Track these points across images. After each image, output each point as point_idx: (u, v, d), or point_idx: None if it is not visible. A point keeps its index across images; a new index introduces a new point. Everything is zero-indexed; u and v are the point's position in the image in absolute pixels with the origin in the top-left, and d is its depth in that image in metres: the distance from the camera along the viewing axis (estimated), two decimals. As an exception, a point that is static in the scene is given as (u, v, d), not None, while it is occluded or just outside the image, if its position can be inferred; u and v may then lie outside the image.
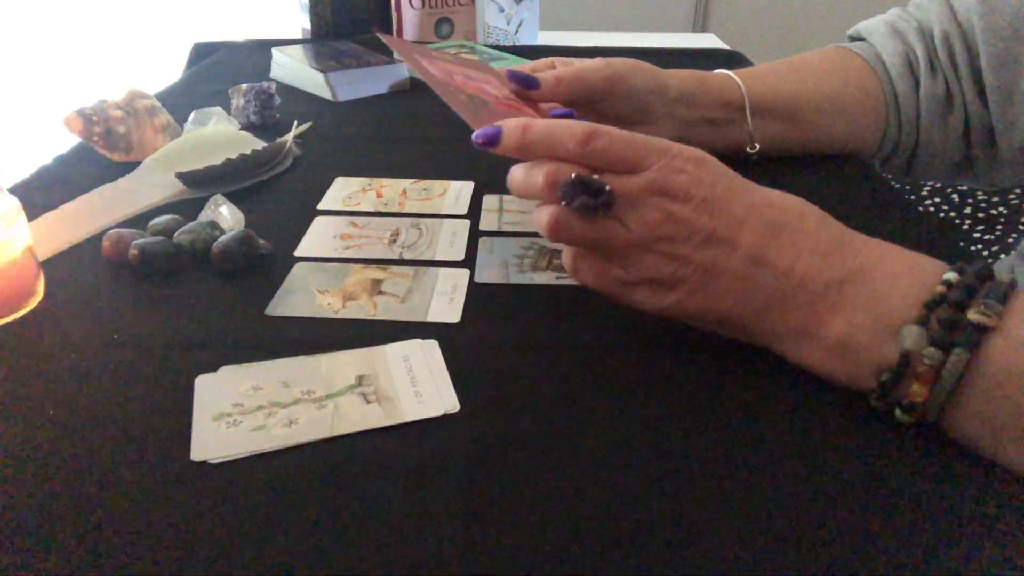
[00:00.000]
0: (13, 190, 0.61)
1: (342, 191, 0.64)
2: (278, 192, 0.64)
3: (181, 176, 0.61)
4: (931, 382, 0.34)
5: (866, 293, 0.37)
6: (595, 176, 0.39)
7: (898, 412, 0.36)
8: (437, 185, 0.65)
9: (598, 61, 0.60)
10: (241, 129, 0.74)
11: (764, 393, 0.39)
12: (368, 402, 0.38)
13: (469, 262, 0.52)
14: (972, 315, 0.33)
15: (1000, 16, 0.62)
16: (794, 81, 0.68)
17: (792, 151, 0.70)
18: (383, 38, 0.67)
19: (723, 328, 0.41)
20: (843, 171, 0.69)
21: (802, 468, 0.35)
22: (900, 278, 0.37)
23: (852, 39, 0.74)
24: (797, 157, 0.70)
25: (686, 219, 0.39)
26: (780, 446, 0.36)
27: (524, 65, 0.62)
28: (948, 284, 0.35)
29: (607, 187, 0.39)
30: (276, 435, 0.36)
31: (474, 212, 0.60)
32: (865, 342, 0.36)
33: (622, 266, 0.40)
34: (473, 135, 0.43)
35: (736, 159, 0.68)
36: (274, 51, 0.99)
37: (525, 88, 0.57)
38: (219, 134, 0.70)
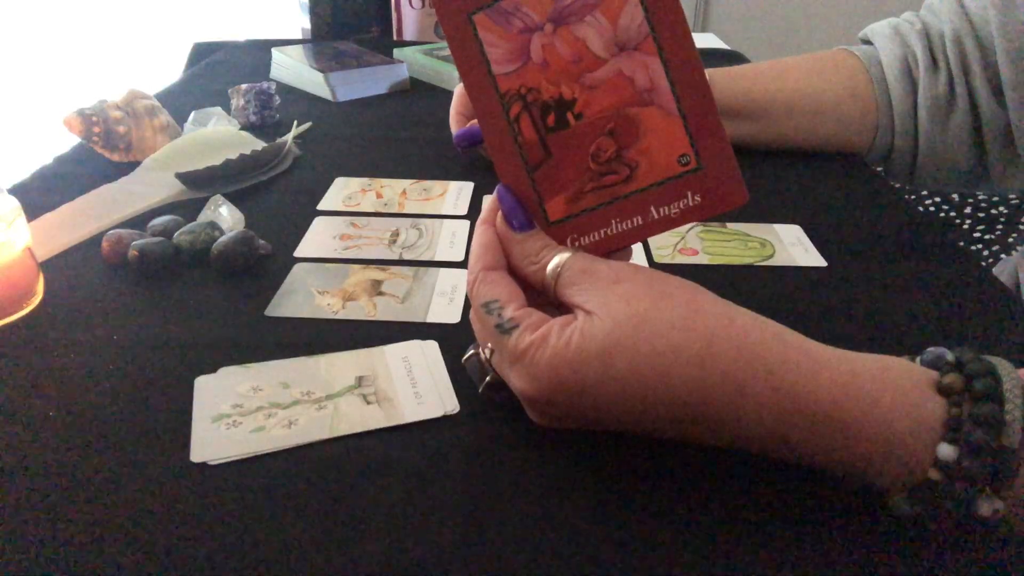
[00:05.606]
0: (13, 190, 0.61)
1: (342, 191, 0.64)
2: (278, 192, 0.64)
3: (181, 176, 0.61)
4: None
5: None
6: None
7: None
8: (437, 185, 0.65)
9: None
10: (241, 129, 0.74)
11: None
12: (368, 403, 0.38)
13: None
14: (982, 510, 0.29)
15: (1019, 8, 0.61)
16: (769, 81, 0.69)
17: (767, 148, 0.71)
18: None
19: None
20: (843, 171, 0.69)
21: (801, 472, 0.35)
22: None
23: (864, 42, 0.74)
24: (797, 158, 0.70)
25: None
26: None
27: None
28: (945, 468, 0.28)
29: None
30: (276, 436, 0.36)
31: (474, 212, 0.60)
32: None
33: None
34: None
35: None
36: (274, 51, 0.99)
37: (474, 145, 0.58)
38: (219, 134, 0.70)
